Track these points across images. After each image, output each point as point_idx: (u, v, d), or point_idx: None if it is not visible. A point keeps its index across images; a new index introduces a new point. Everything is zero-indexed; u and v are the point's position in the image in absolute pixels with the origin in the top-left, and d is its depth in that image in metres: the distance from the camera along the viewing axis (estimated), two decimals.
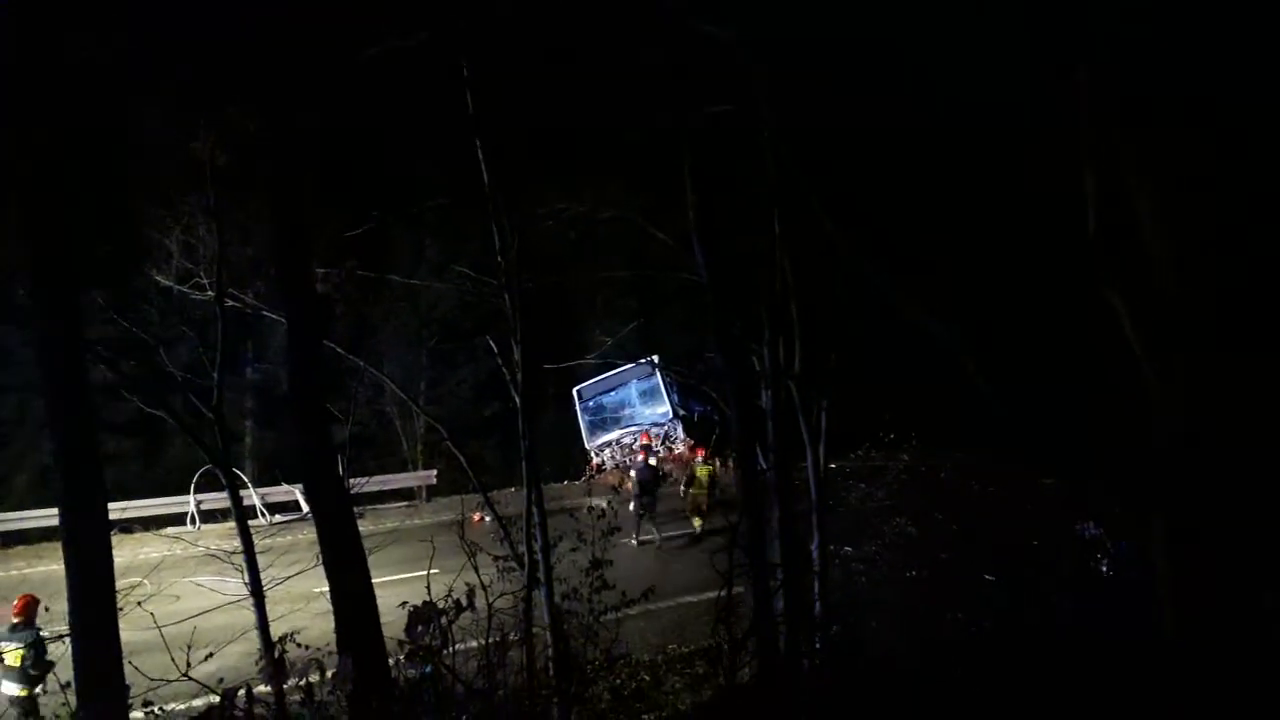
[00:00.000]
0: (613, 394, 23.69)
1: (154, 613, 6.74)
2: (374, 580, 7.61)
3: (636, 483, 17.51)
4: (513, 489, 17.52)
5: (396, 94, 10.01)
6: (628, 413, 23.38)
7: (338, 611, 7.26)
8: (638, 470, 17.74)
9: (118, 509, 14.05)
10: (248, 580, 8.17)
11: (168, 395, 10.65)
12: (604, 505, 8.40)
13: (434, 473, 23.07)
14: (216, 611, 8.13)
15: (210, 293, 9.59)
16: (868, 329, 10.65)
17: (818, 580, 9.99)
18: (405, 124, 11.35)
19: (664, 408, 22.71)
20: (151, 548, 16.61)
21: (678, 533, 17.49)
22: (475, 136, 9.00)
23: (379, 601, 7.43)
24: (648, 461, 17.74)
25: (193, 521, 19.43)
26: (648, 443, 20.27)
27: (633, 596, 7.53)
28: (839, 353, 10.41)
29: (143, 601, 7.38)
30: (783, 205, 9.25)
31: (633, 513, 16.59)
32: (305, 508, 17.02)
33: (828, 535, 10.36)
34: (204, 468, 16.76)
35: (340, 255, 12.11)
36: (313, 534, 7.74)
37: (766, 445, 9.54)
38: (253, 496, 19.52)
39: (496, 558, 7.88)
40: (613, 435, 22.84)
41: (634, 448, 20.24)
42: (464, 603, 6.12)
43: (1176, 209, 4.47)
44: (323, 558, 7.51)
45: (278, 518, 19.32)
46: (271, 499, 20.17)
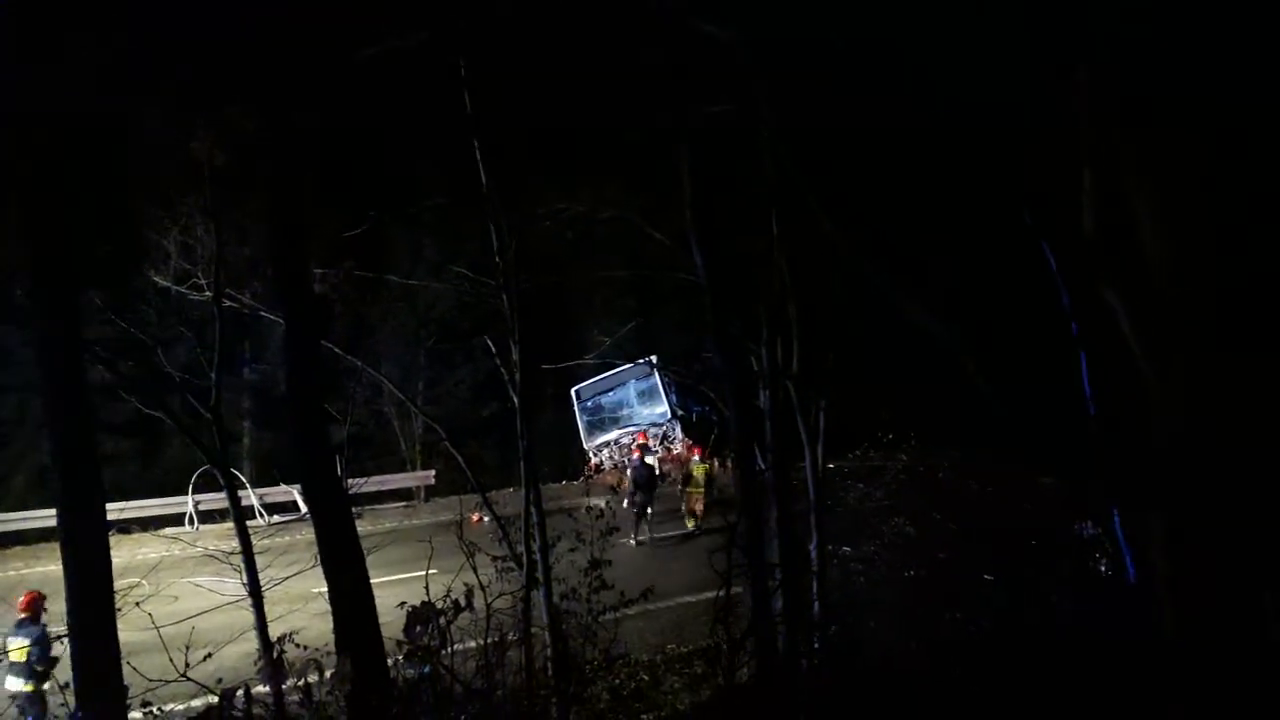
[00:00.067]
0: (611, 394, 23.67)
1: (152, 613, 6.73)
2: (372, 580, 7.60)
3: (631, 481, 17.54)
4: (511, 489, 17.49)
5: (395, 94, 9.99)
6: (626, 413, 23.37)
7: (336, 612, 7.24)
8: (633, 469, 17.76)
9: (116, 509, 13.98)
10: (246, 581, 8.15)
11: (166, 396, 10.64)
12: (602, 505, 8.40)
13: (432, 473, 23.06)
14: (215, 612, 8.11)
15: (208, 293, 9.58)
16: (866, 329, 10.65)
17: (816, 580, 9.99)
18: (403, 124, 11.33)
19: (662, 408, 22.71)
20: (150, 548, 16.58)
21: (676, 533, 17.49)
22: (473, 137, 8.99)
23: (377, 602, 7.42)
24: (644, 460, 17.74)
25: (191, 522, 19.40)
26: (644, 442, 20.29)
27: (631, 596, 7.51)
28: (837, 353, 10.41)
29: (141, 602, 7.36)
30: (781, 205, 9.24)
31: (631, 512, 16.59)
32: (303, 508, 17.05)
33: (826, 535, 10.36)
34: (202, 468, 16.74)
35: (338, 255, 12.09)
36: (311, 534, 7.74)
37: (765, 445, 9.53)
38: (251, 497, 19.49)
39: (495, 558, 7.87)
40: (611, 435, 22.83)
41: (631, 447, 20.25)
42: (462, 603, 6.12)
43: (1175, 209, 4.47)
44: (321, 558, 7.51)
45: (276, 518, 19.32)
46: (270, 499, 20.15)
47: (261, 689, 6.26)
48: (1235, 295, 4.38)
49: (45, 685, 9.04)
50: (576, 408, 23.62)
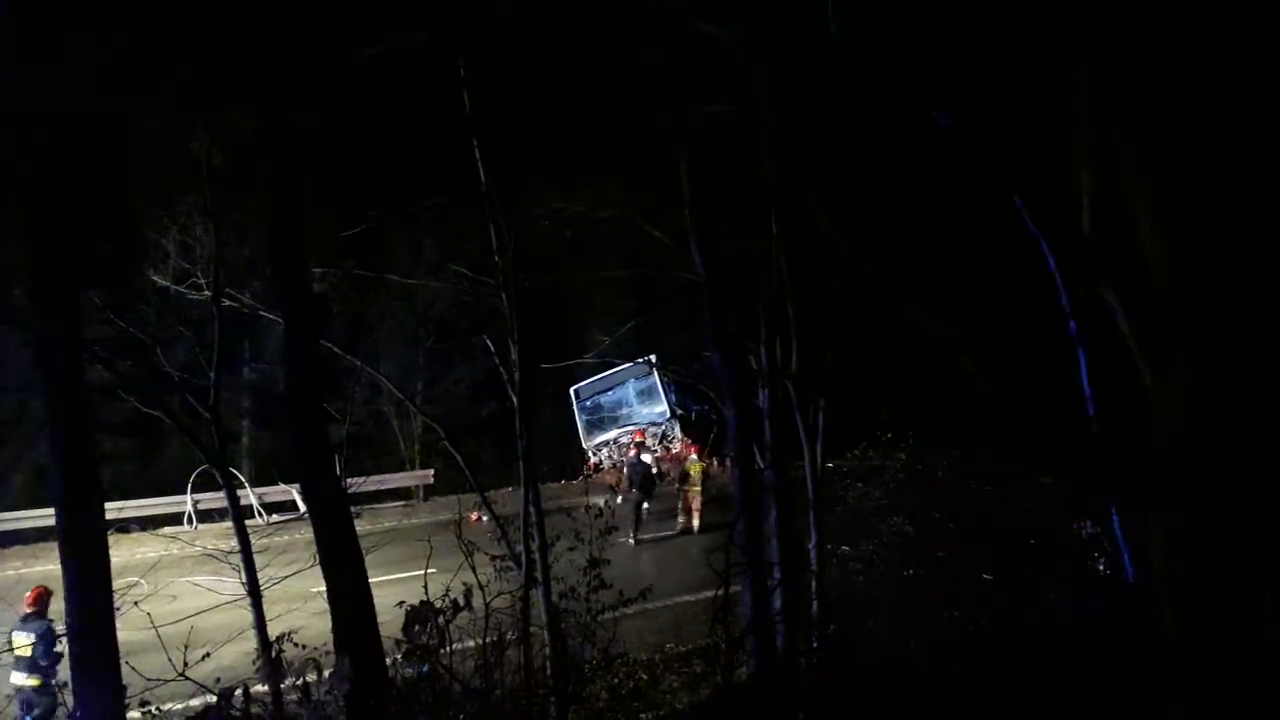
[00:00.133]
0: (610, 393, 23.67)
1: (151, 612, 6.72)
2: (371, 580, 7.60)
3: (627, 479, 17.57)
4: (510, 488, 17.49)
5: (394, 94, 9.98)
6: (625, 412, 23.38)
7: (335, 611, 7.24)
8: (629, 467, 17.79)
9: (114, 509, 14.04)
10: (245, 580, 8.14)
11: (165, 395, 10.63)
12: (601, 504, 8.39)
13: (431, 472, 23.06)
14: (213, 611, 8.10)
15: (207, 293, 9.57)
16: (865, 328, 10.65)
17: (815, 579, 10.00)
18: (403, 124, 11.32)
19: (661, 407, 22.72)
20: (148, 547, 16.57)
21: (674, 532, 17.51)
22: (473, 136, 8.99)
23: (376, 601, 7.41)
24: (640, 458, 17.77)
25: (190, 521, 19.39)
26: (641, 439, 20.30)
27: (630, 596, 7.51)
28: (836, 352, 10.42)
29: (140, 601, 7.35)
30: (780, 205, 9.24)
31: (629, 511, 16.60)
32: (302, 507, 17.04)
33: (825, 534, 10.37)
34: (201, 467, 16.74)
35: (337, 255, 12.08)
36: (310, 533, 7.73)
37: (764, 444, 9.54)
38: (250, 496, 19.48)
39: (494, 557, 7.86)
40: (610, 435, 22.84)
41: (628, 446, 20.28)
42: (461, 602, 6.12)
43: (1174, 209, 4.46)
44: (320, 557, 7.50)
45: (275, 517, 19.31)
46: (269, 499, 20.15)
47: (260, 688, 6.25)
48: (1233, 295, 4.38)
49: (53, 680, 9.07)
50: (575, 407, 23.62)
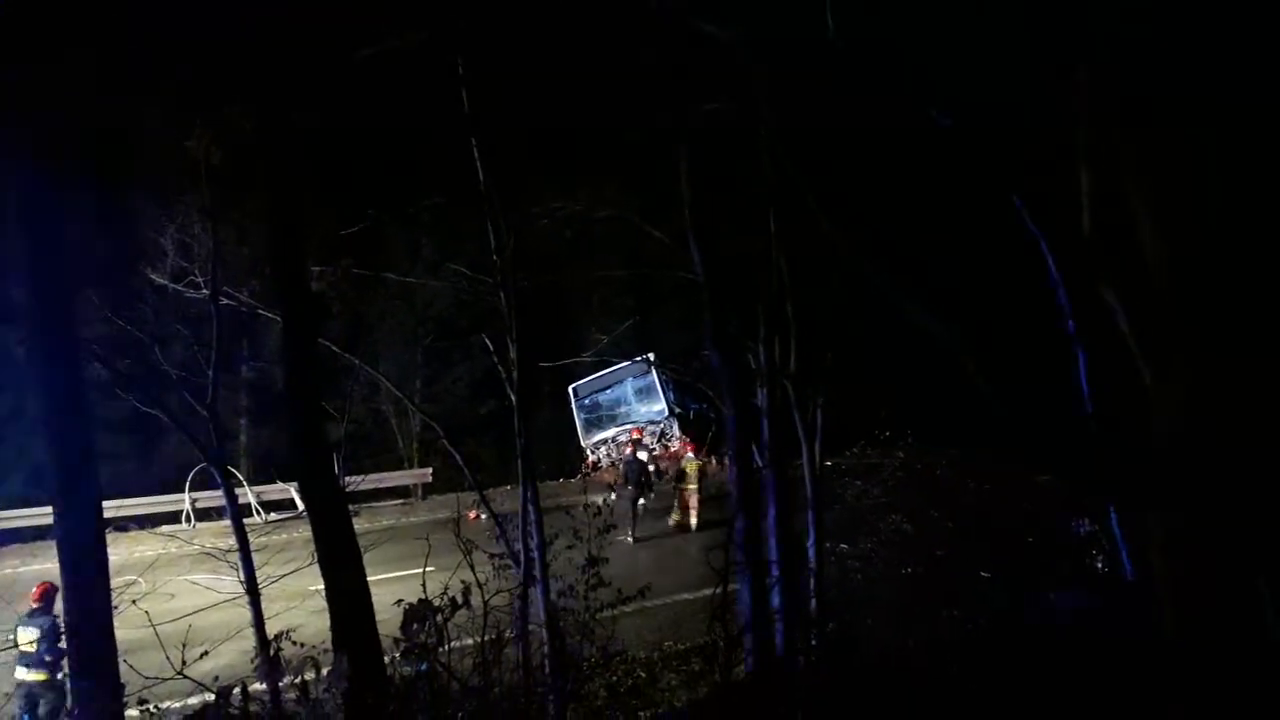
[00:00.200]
0: (608, 392, 23.67)
1: (149, 611, 6.73)
2: (369, 578, 7.59)
3: (622, 476, 17.60)
4: (508, 487, 17.50)
5: (393, 94, 9.97)
6: (623, 410, 23.38)
7: (333, 609, 7.23)
8: (625, 464, 17.82)
9: (112, 507, 14.00)
10: (243, 578, 8.14)
11: (163, 393, 10.62)
12: (600, 503, 8.39)
13: (429, 471, 23.05)
14: (212, 609, 8.09)
15: (205, 291, 9.56)
16: (864, 327, 10.66)
17: (813, 577, 10.00)
18: (402, 123, 11.32)
19: (660, 405, 22.72)
20: (146, 546, 16.56)
21: (673, 530, 17.51)
22: (471, 136, 8.98)
23: (374, 599, 7.40)
24: (635, 455, 17.79)
25: (188, 519, 19.39)
26: (638, 437, 20.32)
27: (629, 594, 7.51)
28: (835, 351, 10.42)
29: (138, 600, 7.35)
30: (779, 204, 9.24)
31: (627, 508, 16.61)
32: (300, 505, 17.02)
33: (823, 532, 10.37)
34: (199, 466, 16.73)
35: (336, 253, 12.07)
36: (308, 532, 7.71)
37: (762, 443, 9.54)
38: (248, 494, 19.47)
39: (492, 555, 7.85)
40: (609, 433, 22.85)
41: (625, 443, 20.30)
42: (459, 600, 6.11)
43: (1173, 208, 4.46)
44: (318, 555, 7.49)
45: (273, 516, 19.29)
46: (267, 497, 20.13)
47: (258, 687, 6.25)
48: (1233, 295, 4.38)
49: (59, 675, 9.09)
50: (574, 405, 23.62)
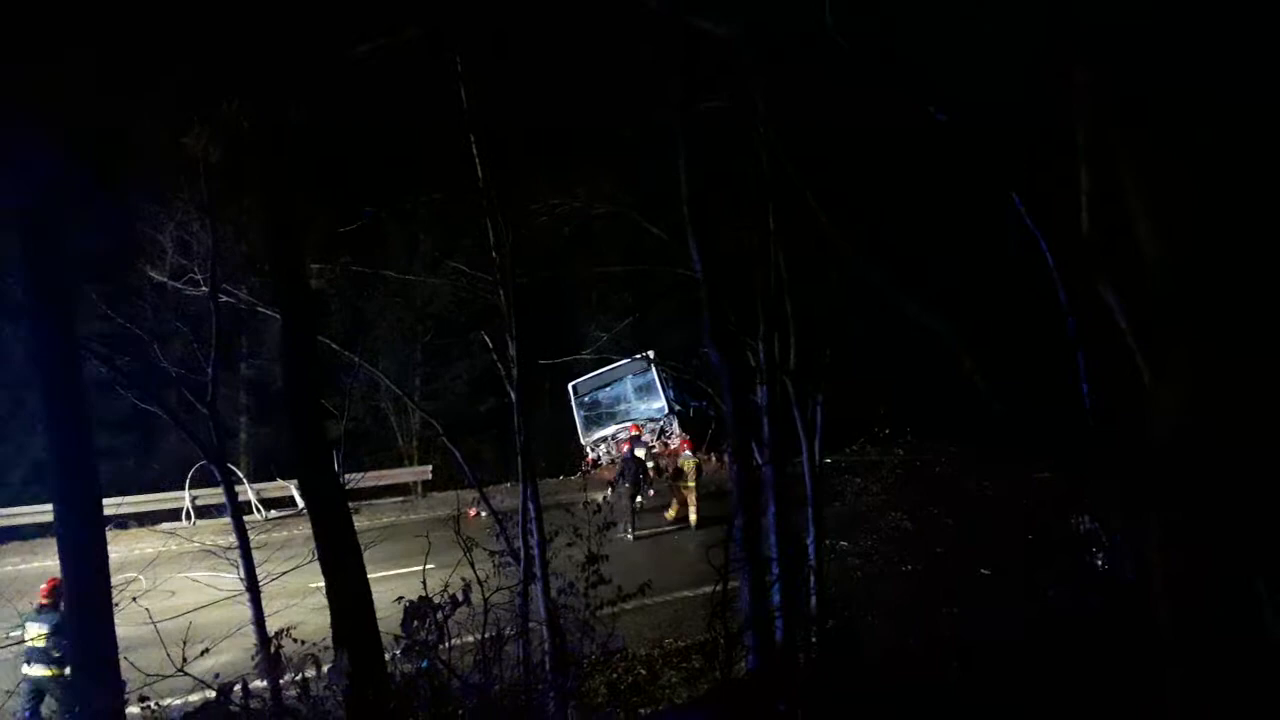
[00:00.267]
0: (608, 389, 23.66)
1: (149, 608, 6.75)
2: (370, 575, 7.60)
3: (619, 473, 17.64)
4: (508, 484, 17.53)
5: (391, 90, 9.98)
6: (623, 408, 23.37)
7: (333, 607, 7.24)
8: (622, 461, 17.86)
9: (113, 505, 14.04)
10: (243, 575, 8.16)
11: (162, 391, 10.63)
12: (600, 500, 8.41)
13: (429, 468, 23.05)
14: (212, 607, 8.13)
15: (204, 288, 9.57)
16: (863, 324, 10.67)
17: (813, 575, 10.01)
18: (400, 119, 11.32)
19: (659, 403, 22.71)
20: (147, 543, 16.57)
21: (669, 528, 17.54)
22: (470, 131, 8.98)
23: (375, 596, 7.41)
24: (632, 452, 17.81)
25: (188, 517, 19.38)
26: (636, 433, 20.33)
27: (629, 591, 7.52)
28: (834, 348, 10.42)
29: (138, 597, 7.38)
30: (778, 200, 9.24)
31: (625, 505, 16.63)
32: (300, 503, 17.04)
33: (823, 530, 10.38)
34: (199, 463, 16.73)
35: (334, 251, 12.08)
36: (308, 529, 7.72)
37: (762, 440, 9.54)
38: (248, 492, 19.48)
39: (492, 553, 7.88)
40: (608, 430, 22.84)
41: (622, 440, 20.32)
42: (460, 598, 6.12)
43: (1171, 207, 4.46)
44: (318, 553, 7.50)
45: (273, 513, 19.31)
46: (267, 494, 20.13)
47: (259, 684, 6.27)
48: (1233, 294, 4.38)
49: (68, 671, 9.11)
50: (574, 403, 23.62)
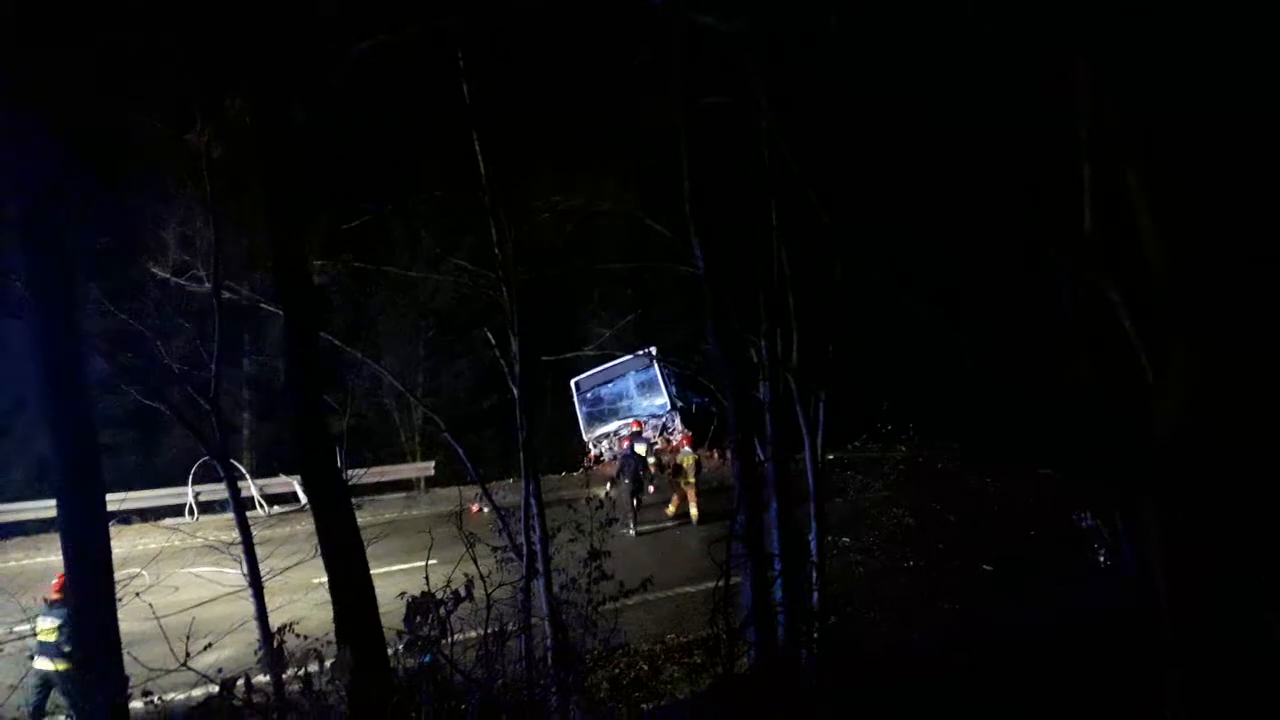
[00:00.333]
0: (610, 386, 23.68)
1: (153, 603, 6.76)
2: (372, 571, 7.62)
3: (619, 469, 17.69)
4: (511, 480, 17.58)
5: (392, 87, 9.97)
6: (626, 404, 23.38)
7: (336, 602, 7.26)
8: (622, 458, 17.90)
9: (116, 500, 14.06)
10: (246, 571, 8.17)
11: (165, 387, 10.65)
12: (602, 496, 8.43)
13: (432, 464, 23.08)
14: (215, 602, 8.14)
15: (207, 285, 9.58)
16: (866, 320, 10.65)
17: (815, 570, 10.02)
18: (402, 116, 11.31)
19: (662, 399, 22.72)
20: (150, 539, 16.61)
21: (671, 524, 17.56)
22: (472, 128, 8.99)
23: (378, 592, 7.44)
24: (632, 448, 17.85)
25: (191, 513, 19.43)
26: (637, 429, 20.35)
27: (631, 587, 7.54)
28: (836, 344, 10.41)
29: (141, 592, 7.39)
30: (780, 196, 9.24)
31: (626, 501, 16.66)
32: (303, 499, 17.08)
33: (825, 526, 10.38)
34: (202, 459, 16.77)
35: (337, 247, 12.08)
36: (311, 525, 7.75)
37: (764, 436, 9.55)
38: (251, 488, 19.52)
39: (495, 548, 7.89)
40: (611, 427, 22.86)
41: (624, 436, 20.34)
42: (462, 593, 6.13)
43: (1174, 206, 4.47)
44: (321, 548, 7.52)
45: (276, 509, 19.35)
46: (270, 490, 20.17)
47: (262, 678, 6.28)
48: (1236, 293, 4.38)
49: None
50: (576, 399, 23.64)
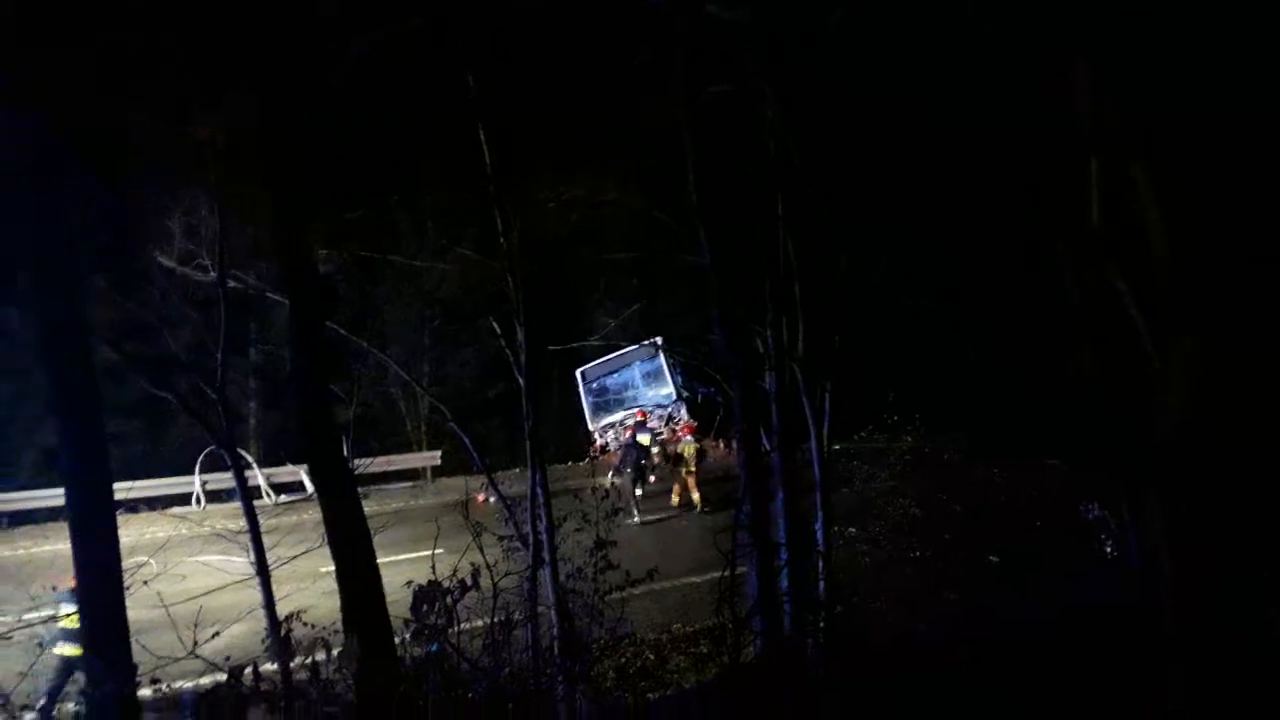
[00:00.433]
0: (616, 376, 23.65)
1: (160, 591, 6.80)
2: (379, 560, 7.64)
3: (621, 458, 17.72)
4: (517, 470, 17.58)
5: (398, 78, 9.95)
6: (631, 395, 23.37)
7: (343, 590, 7.29)
8: (625, 447, 17.91)
9: (123, 489, 14.06)
10: (253, 559, 8.19)
11: (172, 376, 10.66)
12: (608, 486, 8.44)
13: (438, 454, 23.09)
14: (222, 590, 8.17)
15: (213, 274, 9.59)
16: (873, 311, 10.62)
17: (822, 560, 10.02)
18: (407, 108, 11.29)
19: (668, 389, 22.69)
20: (157, 527, 16.63)
21: (674, 513, 17.59)
22: (477, 119, 8.97)
23: (384, 581, 7.46)
24: (635, 438, 17.88)
25: (198, 501, 19.49)
26: (642, 419, 20.37)
27: (637, 576, 7.55)
28: (842, 335, 10.39)
29: (149, 580, 7.43)
30: (785, 188, 9.21)
31: (629, 489, 16.68)
32: (310, 488, 17.10)
33: (831, 516, 10.39)
34: (209, 448, 16.82)
35: (343, 237, 12.09)
36: (318, 514, 7.77)
37: (770, 426, 9.54)
38: (258, 477, 19.56)
39: (501, 538, 7.91)
40: (616, 417, 22.84)
41: (627, 426, 20.36)
42: (469, 582, 6.16)
43: (1178, 202, 4.46)
44: (328, 537, 7.54)
45: (283, 497, 19.39)
46: (277, 479, 20.21)
47: (269, 666, 6.31)
48: (1237, 286, 4.38)
49: None
50: (582, 389, 23.61)
